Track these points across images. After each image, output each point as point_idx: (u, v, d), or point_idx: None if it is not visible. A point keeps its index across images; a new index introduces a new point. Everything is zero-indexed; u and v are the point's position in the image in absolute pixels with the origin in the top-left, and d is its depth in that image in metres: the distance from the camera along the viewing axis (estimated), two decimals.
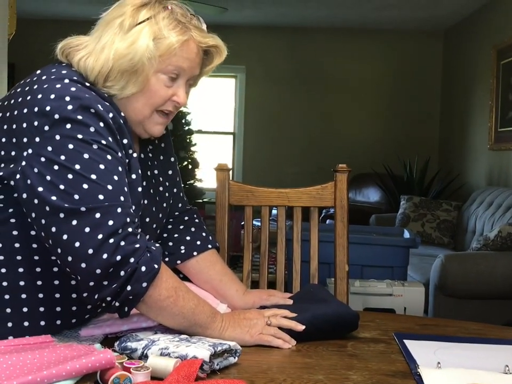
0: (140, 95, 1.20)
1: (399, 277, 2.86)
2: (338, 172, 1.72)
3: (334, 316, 1.27)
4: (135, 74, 1.17)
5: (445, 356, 1.15)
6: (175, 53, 1.19)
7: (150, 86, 1.19)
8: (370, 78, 7.16)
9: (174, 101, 1.23)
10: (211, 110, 7.57)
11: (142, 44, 1.16)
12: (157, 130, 1.26)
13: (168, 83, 1.21)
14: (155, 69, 1.18)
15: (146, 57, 1.16)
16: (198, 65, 1.25)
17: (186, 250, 1.44)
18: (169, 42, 1.17)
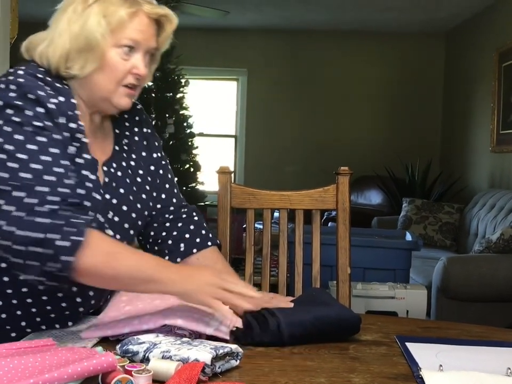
0: (100, 71, 1.26)
1: (401, 280, 2.86)
2: (340, 174, 1.72)
3: (336, 318, 1.26)
4: (92, 51, 1.24)
5: (447, 358, 1.15)
6: (126, 26, 1.25)
7: (108, 60, 1.25)
8: (372, 80, 7.16)
9: (134, 74, 1.28)
10: (213, 113, 7.58)
11: (93, 21, 1.23)
12: (124, 102, 1.30)
13: (125, 56, 1.27)
14: (110, 44, 1.25)
15: (99, 33, 1.23)
16: (152, 37, 1.30)
17: (185, 247, 1.45)
18: (118, 16, 1.24)
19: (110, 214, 1.31)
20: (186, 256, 1.45)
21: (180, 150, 6.53)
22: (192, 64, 6.99)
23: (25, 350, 1.04)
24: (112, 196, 1.32)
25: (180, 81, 6.62)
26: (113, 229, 1.31)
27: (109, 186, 1.32)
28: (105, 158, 1.34)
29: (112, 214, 1.31)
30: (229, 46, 7.22)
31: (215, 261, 1.46)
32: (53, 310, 1.28)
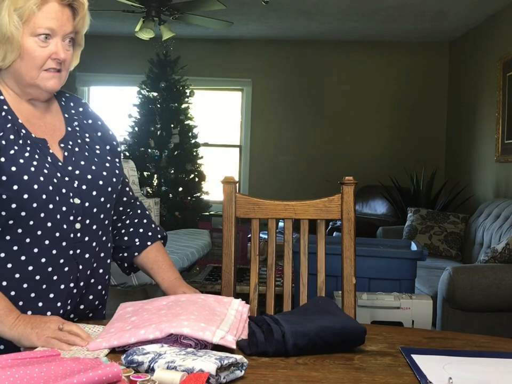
0: (20, 60, 1.35)
1: (406, 290, 2.85)
2: (344, 184, 1.72)
3: (341, 329, 1.26)
4: (9, 43, 1.33)
5: (455, 370, 1.14)
6: (37, 16, 1.32)
7: (26, 49, 1.34)
8: (376, 90, 7.17)
9: (54, 59, 1.36)
10: (217, 123, 7.60)
11: (5, 16, 1.31)
12: (51, 84, 1.39)
13: (42, 44, 1.35)
14: (25, 34, 1.33)
15: (13, 26, 1.31)
16: (67, 22, 1.37)
17: (140, 242, 1.60)
18: (28, 7, 1.31)
19: (76, 183, 1.39)
20: (142, 250, 1.60)
21: (184, 160, 6.55)
22: (197, 75, 7.02)
23: (30, 360, 1.04)
24: (74, 167, 1.40)
25: (185, 92, 6.64)
26: (82, 197, 1.39)
27: (69, 159, 1.41)
28: (59, 137, 1.43)
29: (77, 182, 1.39)
30: (233, 57, 7.25)
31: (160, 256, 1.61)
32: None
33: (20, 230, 1.32)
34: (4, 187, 1.29)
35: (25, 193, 1.30)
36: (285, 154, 7.26)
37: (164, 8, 4.95)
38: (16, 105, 1.39)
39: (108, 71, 7.25)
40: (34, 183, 1.31)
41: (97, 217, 1.43)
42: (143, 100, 6.58)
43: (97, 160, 1.45)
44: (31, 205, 1.31)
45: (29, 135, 1.37)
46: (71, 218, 1.37)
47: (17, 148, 1.33)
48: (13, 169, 1.30)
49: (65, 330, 1.21)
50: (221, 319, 1.27)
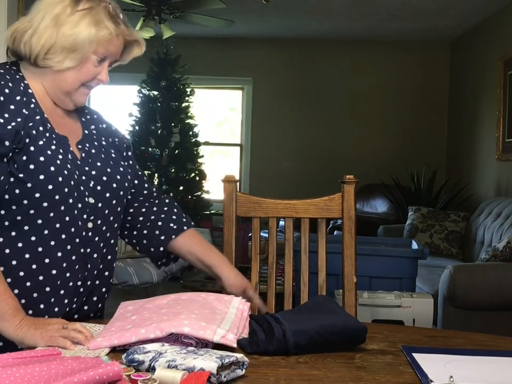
0: (74, 70, 1.39)
1: (407, 289, 2.85)
2: (345, 183, 1.71)
3: (342, 327, 1.26)
4: (74, 52, 1.37)
5: (456, 369, 1.13)
6: (110, 41, 1.39)
7: (85, 64, 1.39)
8: (377, 88, 7.17)
9: (98, 79, 1.44)
10: (218, 122, 7.60)
11: (85, 28, 1.36)
12: (83, 100, 1.46)
13: (97, 64, 1.41)
14: (92, 51, 1.38)
15: (88, 39, 1.36)
16: (119, 51, 1.46)
17: (165, 236, 1.58)
18: (108, 31, 1.38)
19: (92, 183, 1.41)
20: (180, 233, 1.58)
21: (185, 159, 6.55)
22: (197, 74, 7.02)
23: (31, 359, 1.04)
24: (90, 168, 1.43)
25: (185, 91, 6.64)
26: (96, 197, 1.41)
27: (86, 160, 1.43)
28: (77, 139, 1.46)
29: (93, 183, 1.42)
30: (233, 55, 7.25)
31: (196, 243, 1.60)
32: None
33: (40, 221, 1.33)
34: (30, 175, 1.31)
35: (50, 184, 1.32)
36: (285, 153, 7.26)
37: (164, 7, 4.95)
38: (42, 100, 1.41)
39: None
40: (60, 175, 1.33)
41: (108, 218, 1.45)
42: (143, 99, 6.58)
43: (112, 163, 1.48)
44: (53, 197, 1.33)
45: (53, 130, 1.39)
46: (84, 216, 1.39)
47: (45, 140, 1.35)
48: (41, 159, 1.32)
49: (69, 329, 1.21)
50: (221, 317, 1.27)
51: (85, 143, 1.46)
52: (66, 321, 1.25)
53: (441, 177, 6.67)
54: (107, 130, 1.56)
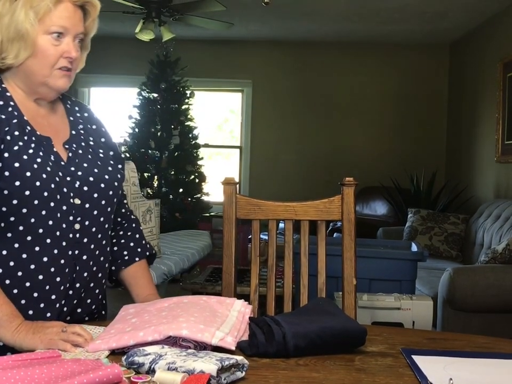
0: (33, 58, 1.36)
1: (407, 291, 2.85)
2: (345, 185, 1.72)
3: (342, 330, 1.26)
4: (23, 40, 1.34)
5: (456, 371, 1.14)
6: (53, 14, 1.35)
7: (39, 47, 1.35)
8: (376, 91, 7.17)
9: (66, 57, 1.38)
10: (218, 124, 7.60)
11: (21, 13, 1.33)
12: (61, 83, 1.40)
13: (55, 42, 1.36)
14: (39, 31, 1.34)
15: (28, 22, 1.33)
16: (79, 22, 1.40)
17: (129, 256, 1.59)
18: (44, 5, 1.34)
19: (77, 183, 1.39)
20: (130, 265, 1.59)
21: (185, 161, 6.55)
22: (197, 76, 7.02)
23: (31, 362, 1.04)
24: (76, 168, 1.41)
25: (185, 93, 6.65)
26: (82, 198, 1.39)
27: (72, 160, 1.42)
28: (64, 139, 1.44)
29: (79, 183, 1.39)
30: (233, 58, 7.25)
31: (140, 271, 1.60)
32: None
33: (21, 228, 1.32)
34: (6, 182, 1.30)
35: (27, 190, 1.30)
36: (285, 156, 7.26)
37: (164, 9, 4.96)
38: (22, 103, 1.40)
39: (108, 72, 7.25)
40: (37, 180, 1.31)
41: (97, 219, 1.43)
42: (143, 101, 6.59)
43: (100, 163, 1.46)
44: (32, 202, 1.31)
45: (34, 132, 1.37)
46: (70, 218, 1.37)
47: (22, 144, 1.33)
48: (16, 165, 1.30)
49: (69, 332, 1.21)
50: (222, 320, 1.27)
51: (72, 143, 1.44)
52: (66, 324, 1.25)
53: (441, 180, 6.68)
54: (96, 131, 1.54)
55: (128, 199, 3.03)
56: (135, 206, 3.54)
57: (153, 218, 3.76)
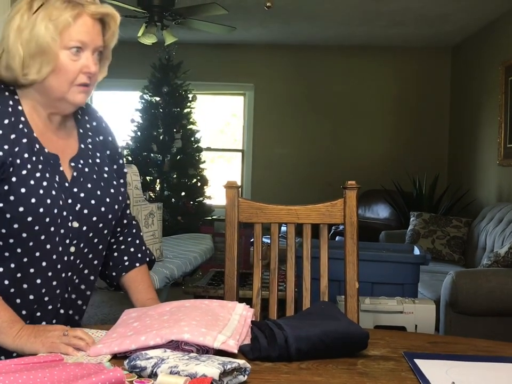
0: (54, 74, 1.33)
1: (409, 294, 2.84)
2: (347, 188, 1.72)
3: (344, 333, 1.26)
4: (45, 55, 1.31)
5: (458, 375, 1.14)
6: (71, 28, 1.32)
7: (60, 62, 1.32)
8: (378, 94, 7.17)
9: (85, 72, 1.35)
10: (220, 128, 7.61)
11: (41, 27, 1.30)
12: (79, 99, 1.37)
13: (74, 57, 1.33)
14: (60, 46, 1.31)
15: (49, 36, 1.30)
16: (98, 36, 1.37)
17: (129, 262, 1.58)
18: (63, 19, 1.30)
19: (78, 206, 1.38)
20: (130, 270, 1.57)
21: (187, 164, 6.55)
22: (199, 79, 7.03)
23: (33, 365, 1.04)
24: (80, 189, 1.39)
25: (187, 96, 6.65)
26: (81, 221, 1.38)
27: (77, 180, 1.40)
28: (71, 155, 1.41)
29: (80, 206, 1.38)
30: (235, 61, 7.26)
31: (139, 276, 1.58)
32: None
33: (19, 250, 1.32)
34: (10, 206, 1.29)
35: (29, 216, 1.29)
36: (287, 159, 7.26)
37: (167, 13, 4.96)
38: (33, 118, 1.37)
39: (110, 76, 7.13)
40: (41, 206, 1.30)
41: (91, 241, 1.43)
42: (145, 105, 6.59)
43: (103, 184, 1.44)
44: (33, 227, 1.30)
45: (42, 150, 1.35)
46: (67, 241, 1.37)
47: (30, 166, 1.31)
48: (22, 191, 1.29)
49: (70, 335, 1.21)
50: (223, 324, 1.27)
51: (79, 159, 1.42)
52: (67, 328, 1.25)
53: (443, 183, 6.67)
54: (102, 142, 1.51)
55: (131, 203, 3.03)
56: (138, 209, 3.55)
57: (156, 222, 3.76)
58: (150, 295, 1.57)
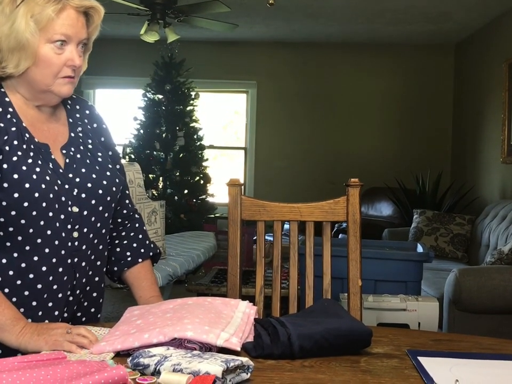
0: (35, 68, 1.33)
1: (412, 292, 2.84)
2: (350, 186, 1.71)
3: (347, 331, 1.26)
4: (24, 50, 1.31)
5: (462, 373, 1.13)
6: (55, 22, 1.31)
7: (41, 57, 1.32)
8: (381, 92, 7.16)
9: (70, 65, 1.35)
10: (223, 125, 7.61)
11: (21, 22, 1.29)
12: (65, 90, 1.38)
13: (58, 50, 1.33)
14: (41, 41, 1.31)
15: (28, 32, 1.29)
16: (82, 29, 1.36)
17: (132, 257, 1.57)
18: (46, 14, 1.29)
19: (75, 191, 1.38)
20: (132, 266, 1.56)
21: (190, 162, 6.56)
22: (202, 77, 7.03)
23: (36, 363, 1.04)
24: (74, 175, 1.39)
25: (190, 94, 6.65)
26: (81, 205, 1.38)
27: (70, 166, 1.40)
28: (62, 143, 1.42)
29: (77, 191, 1.38)
30: (238, 59, 7.26)
31: (143, 272, 1.58)
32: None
33: (20, 238, 1.32)
34: (5, 194, 1.29)
35: (25, 201, 1.29)
36: (290, 156, 7.26)
37: (169, 11, 4.96)
38: (21, 109, 1.38)
39: (113, 74, 7.27)
40: (36, 191, 1.30)
41: (95, 225, 1.42)
42: (148, 103, 6.60)
43: (99, 168, 1.44)
44: (30, 213, 1.30)
45: (32, 140, 1.36)
46: (69, 226, 1.36)
47: (21, 153, 1.32)
48: (15, 177, 1.29)
49: (74, 333, 1.21)
50: (226, 321, 1.27)
51: (70, 147, 1.42)
52: (70, 326, 1.25)
53: (446, 180, 6.66)
54: (96, 129, 1.51)
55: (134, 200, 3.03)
56: (140, 207, 3.55)
57: (158, 220, 3.76)
58: (153, 292, 1.57)
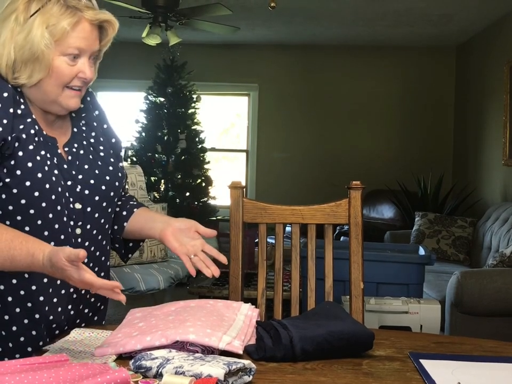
0: (48, 79, 1.32)
1: (414, 294, 2.84)
2: (352, 188, 1.71)
3: (349, 334, 1.26)
4: (38, 62, 1.29)
5: (464, 375, 1.13)
6: (69, 36, 1.30)
7: (55, 68, 1.31)
8: (383, 94, 7.17)
9: (80, 77, 1.35)
10: (224, 128, 7.61)
11: (37, 33, 1.28)
12: (73, 103, 1.37)
13: (71, 62, 1.32)
14: (55, 53, 1.30)
15: (44, 44, 1.28)
16: (95, 41, 1.36)
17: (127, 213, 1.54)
18: (61, 27, 1.29)
19: (79, 187, 1.38)
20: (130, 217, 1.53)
21: (191, 165, 6.56)
22: (204, 80, 7.04)
23: (39, 366, 1.04)
24: (77, 171, 1.39)
25: (192, 97, 6.66)
26: (83, 202, 1.38)
27: (73, 163, 1.39)
28: (65, 141, 1.41)
29: (80, 187, 1.38)
30: (239, 62, 7.26)
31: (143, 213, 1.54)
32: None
33: (28, 228, 1.32)
34: (17, 181, 1.29)
35: (36, 191, 1.30)
36: (291, 159, 7.26)
37: (171, 14, 4.97)
38: (30, 102, 1.37)
39: (114, 77, 7.27)
40: (47, 182, 1.31)
41: (98, 222, 1.43)
42: (150, 105, 6.60)
43: (101, 163, 1.44)
44: (40, 204, 1.31)
45: (41, 132, 1.36)
46: (71, 223, 1.37)
47: (35, 144, 1.32)
48: (29, 165, 1.29)
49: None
50: (229, 324, 1.27)
51: (72, 143, 1.42)
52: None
53: (448, 183, 6.66)
54: (100, 116, 1.51)
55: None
56: None
57: None
58: (160, 218, 1.52)
